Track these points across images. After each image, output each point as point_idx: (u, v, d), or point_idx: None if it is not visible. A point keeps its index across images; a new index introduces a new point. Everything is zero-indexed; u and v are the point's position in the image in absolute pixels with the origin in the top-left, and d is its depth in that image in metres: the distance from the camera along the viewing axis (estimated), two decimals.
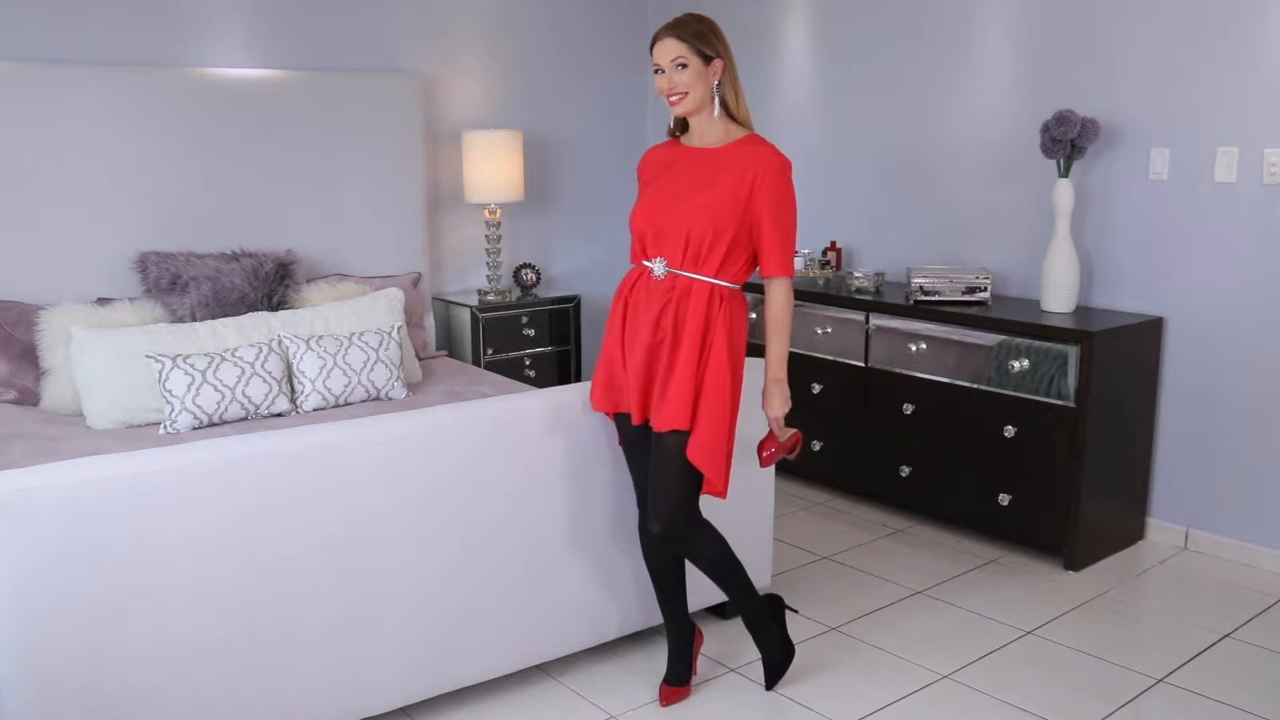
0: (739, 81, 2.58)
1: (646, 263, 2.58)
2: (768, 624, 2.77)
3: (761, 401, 2.65)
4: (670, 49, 2.50)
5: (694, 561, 2.67)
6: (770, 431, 2.65)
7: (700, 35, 2.50)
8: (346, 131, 4.27)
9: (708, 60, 2.50)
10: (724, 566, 2.67)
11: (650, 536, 2.66)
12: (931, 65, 4.25)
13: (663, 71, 2.52)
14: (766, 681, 2.80)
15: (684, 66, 2.50)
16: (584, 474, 2.75)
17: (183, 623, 2.23)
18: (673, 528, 2.57)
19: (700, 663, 2.90)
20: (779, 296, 2.58)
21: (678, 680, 2.76)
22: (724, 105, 2.54)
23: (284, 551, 2.33)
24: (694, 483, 2.55)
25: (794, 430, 2.65)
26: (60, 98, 3.66)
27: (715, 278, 2.51)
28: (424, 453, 2.49)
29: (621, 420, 2.67)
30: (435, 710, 2.68)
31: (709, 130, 2.58)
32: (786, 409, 2.60)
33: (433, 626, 2.56)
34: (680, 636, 2.76)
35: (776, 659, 2.79)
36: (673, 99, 2.53)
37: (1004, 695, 2.77)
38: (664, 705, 2.72)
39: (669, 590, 2.74)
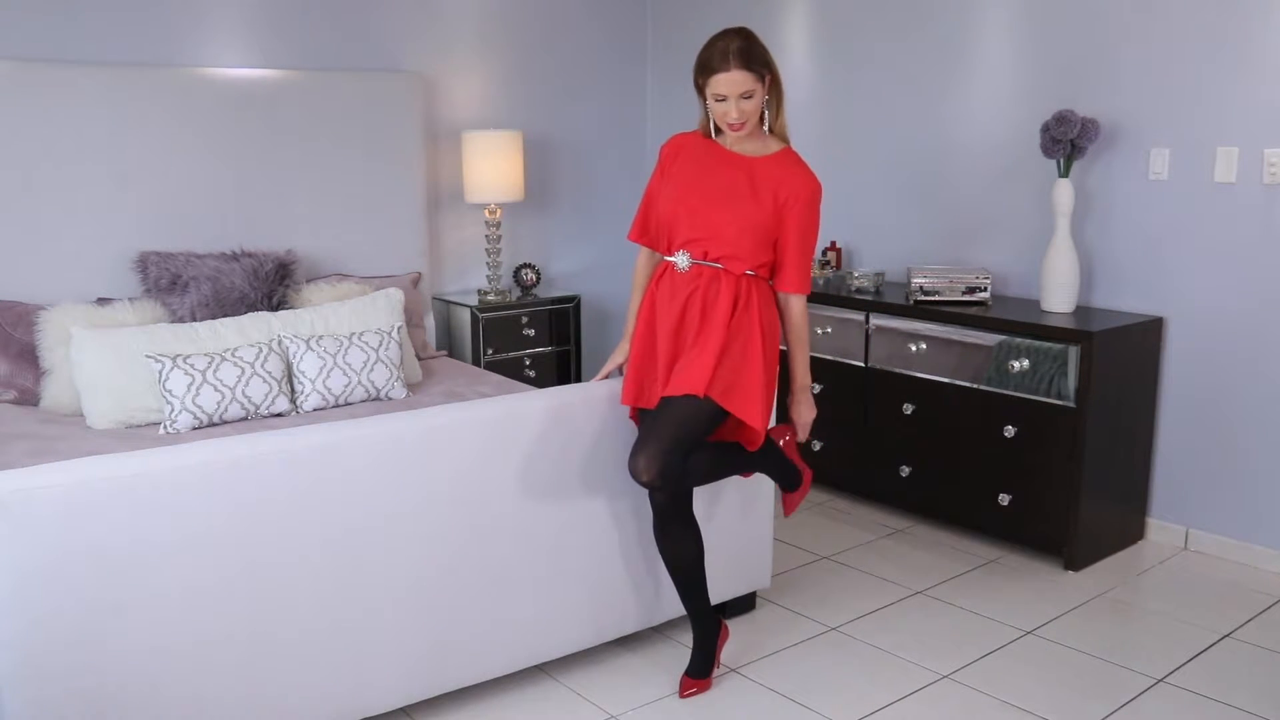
0: (782, 89, 2.58)
1: (669, 257, 2.62)
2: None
3: (789, 410, 2.80)
4: (739, 82, 2.46)
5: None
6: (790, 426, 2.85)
7: (760, 58, 2.48)
8: (347, 131, 4.26)
9: (763, 79, 2.50)
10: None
11: (663, 523, 2.69)
12: (931, 65, 4.25)
13: (724, 99, 2.48)
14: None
15: (749, 96, 2.48)
16: (584, 474, 2.75)
17: (182, 623, 2.23)
18: (666, 472, 2.49)
19: None
20: (798, 309, 2.69)
21: (699, 673, 2.77)
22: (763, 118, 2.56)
23: (284, 551, 2.33)
24: (691, 434, 2.52)
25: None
26: (60, 98, 3.65)
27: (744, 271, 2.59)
28: (424, 453, 2.49)
29: (645, 415, 2.66)
30: (435, 710, 2.68)
31: (747, 139, 2.58)
32: (813, 415, 2.81)
33: (433, 626, 2.56)
34: (705, 630, 2.78)
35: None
36: (733, 125, 2.52)
37: (1004, 695, 2.77)
38: (683, 696, 2.74)
39: (690, 585, 2.74)
